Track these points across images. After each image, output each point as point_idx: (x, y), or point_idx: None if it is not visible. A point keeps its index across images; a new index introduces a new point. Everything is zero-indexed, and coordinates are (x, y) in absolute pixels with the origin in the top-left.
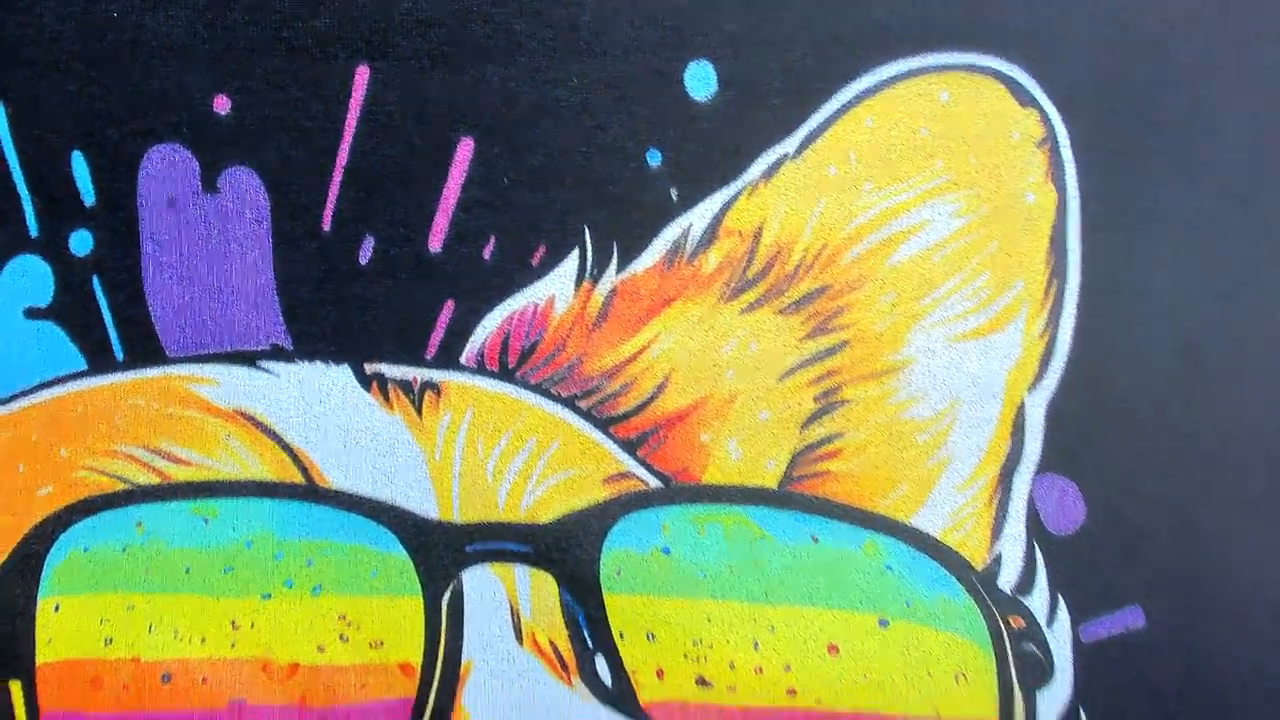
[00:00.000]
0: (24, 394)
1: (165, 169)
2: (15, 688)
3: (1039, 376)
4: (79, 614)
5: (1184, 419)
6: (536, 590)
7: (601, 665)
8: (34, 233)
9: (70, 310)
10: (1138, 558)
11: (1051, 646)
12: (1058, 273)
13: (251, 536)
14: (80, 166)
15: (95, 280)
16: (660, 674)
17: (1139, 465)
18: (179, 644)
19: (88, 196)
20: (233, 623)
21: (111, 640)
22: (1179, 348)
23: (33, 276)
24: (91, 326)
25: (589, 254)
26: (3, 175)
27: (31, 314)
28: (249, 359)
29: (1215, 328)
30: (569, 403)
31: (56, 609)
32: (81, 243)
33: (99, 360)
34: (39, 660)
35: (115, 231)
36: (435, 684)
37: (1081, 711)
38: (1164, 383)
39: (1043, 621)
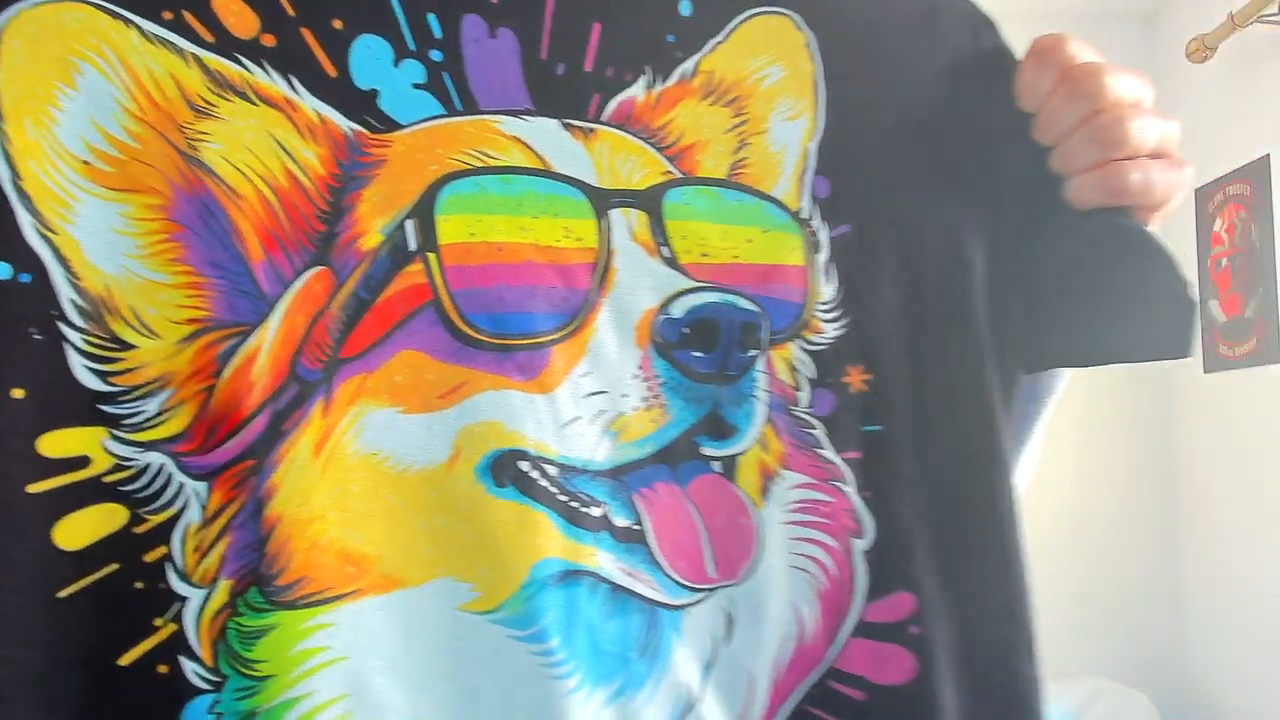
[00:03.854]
0: (416, 123)
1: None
2: (431, 257)
3: (813, 134)
4: (454, 223)
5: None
6: (639, 219)
7: (664, 248)
8: (412, 46)
9: (434, 88)
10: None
11: (820, 236)
12: (815, 93)
13: (527, 190)
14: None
15: (445, 75)
16: (688, 252)
17: (868, 151)
18: (501, 235)
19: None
20: (520, 227)
21: (473, 234)
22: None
23: (415, 70)
24: (446, 97)
25: (650, 76)
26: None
27: (416, 86)
28: (517, 114)
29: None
30: (644, 140)
31: (446, 220)
32: (436, 55)
33: (451, 110)
34: (440, 242)
35: (451, 53)
36: (605, 256)
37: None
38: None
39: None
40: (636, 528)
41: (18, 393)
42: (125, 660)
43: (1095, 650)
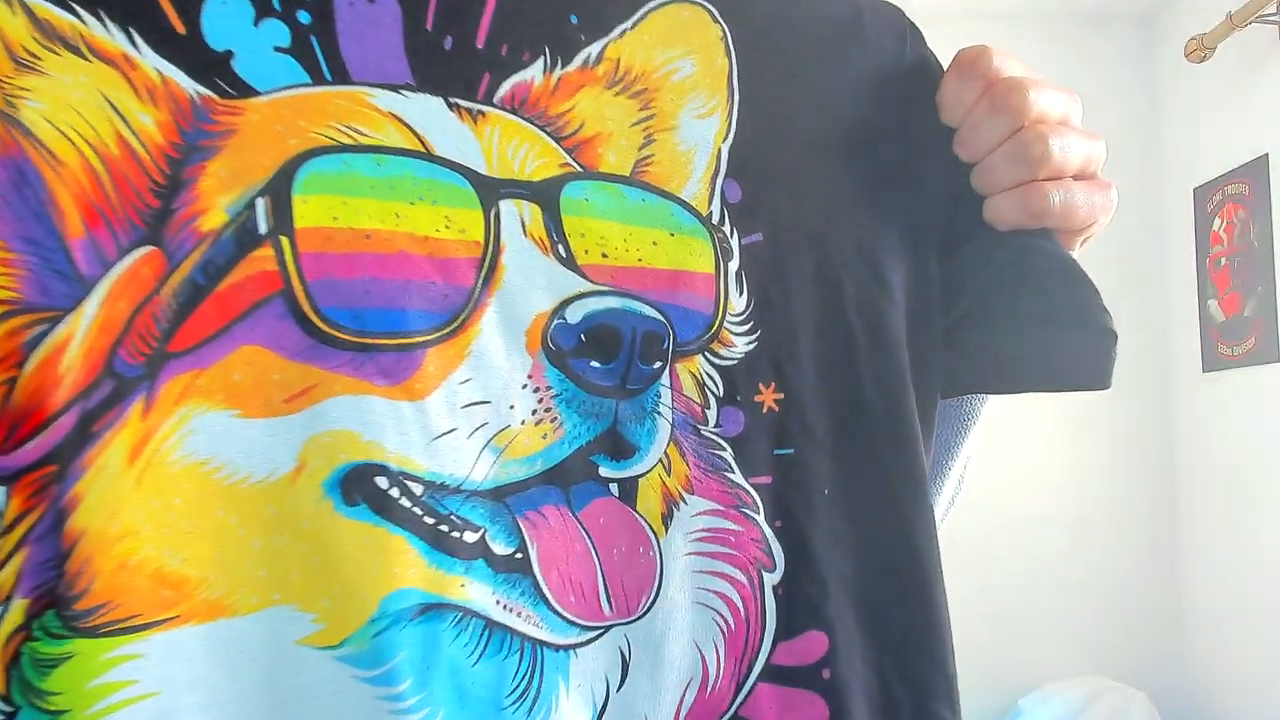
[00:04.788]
0: (275, 91)
1: None
2: (284, 241)
3: (726, 134)
4: (314, 205)
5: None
6: (532, 213)
7: (560, 246)
8: (276, 4)
9: (299, 52)
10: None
11: (731, 242)
12: (730, 91)
13: (403, 173)
14: None
15: (313, 39)
16: (586, 252)
17: (783, 157)
18: (370, 221)
19: None
20: (394, 214)
21: (336, 218)
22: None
23: (278, 31)
24: (313, 63)
25: (549, 58)
26: None
27: (278, 49)
28: (395, 88)
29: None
30: (541, 127)
31: (305, 201)
32: (304, 16)
33: (318, 79)
34: (296, 225)
35: (321, 15)
36: (492, 251)
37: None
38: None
39: (734, 241)
40: (519, 556)
41: None
42: None
43: (1095, 650)
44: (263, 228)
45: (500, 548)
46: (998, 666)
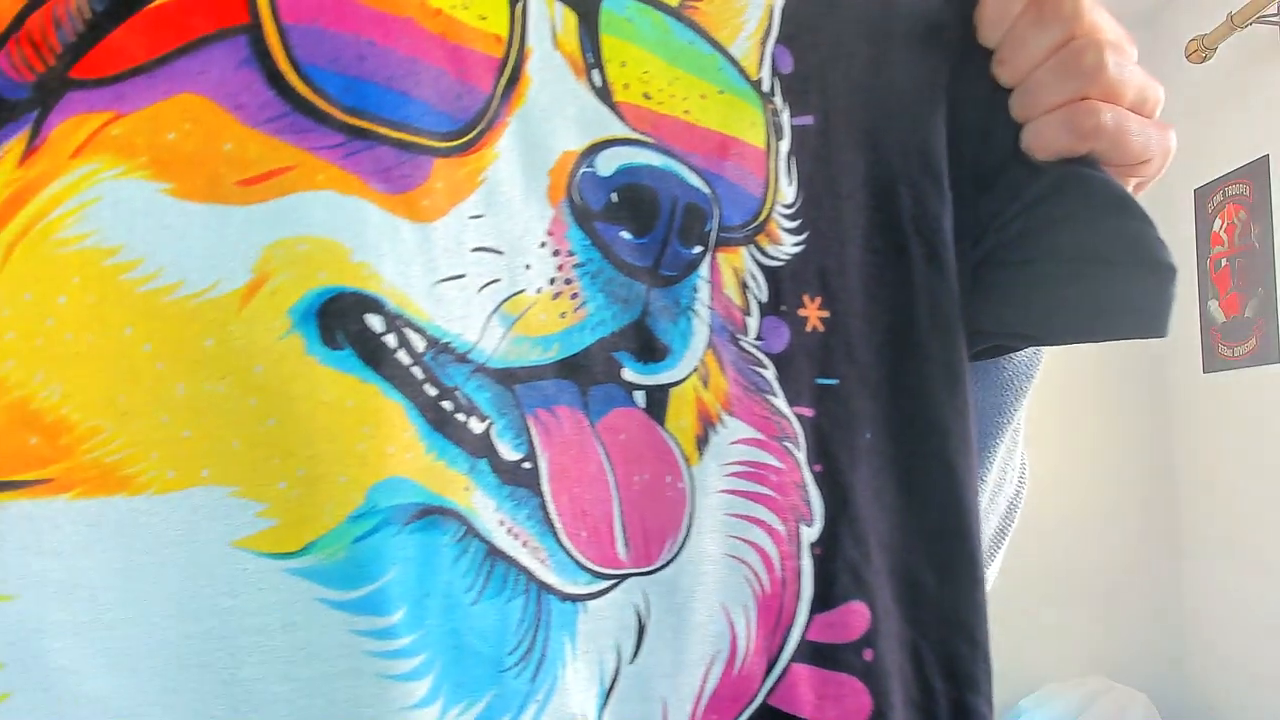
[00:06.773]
0: None
1: None
2: None
3: None
4: None
5: None
6: (566, 18)
7: (595, 72)
8: None
9: None
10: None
11: (783, 118)
12: None
13: None
14: None
15: None
16: (626, 87)
17: (838, 32)
18: None
19: None
20: None
21: None
22: None
23: None
24: None
25: None
26: None
27: None
28: None
29: None
30: None
31: None
32: None
33: None
34: None
35: None
36: (516, 55)
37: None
38: None
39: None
40: (528, 465)
41: None
42: None
43: (1095, 650)
44: None
45: (507, 449)
46: (998, 667)
